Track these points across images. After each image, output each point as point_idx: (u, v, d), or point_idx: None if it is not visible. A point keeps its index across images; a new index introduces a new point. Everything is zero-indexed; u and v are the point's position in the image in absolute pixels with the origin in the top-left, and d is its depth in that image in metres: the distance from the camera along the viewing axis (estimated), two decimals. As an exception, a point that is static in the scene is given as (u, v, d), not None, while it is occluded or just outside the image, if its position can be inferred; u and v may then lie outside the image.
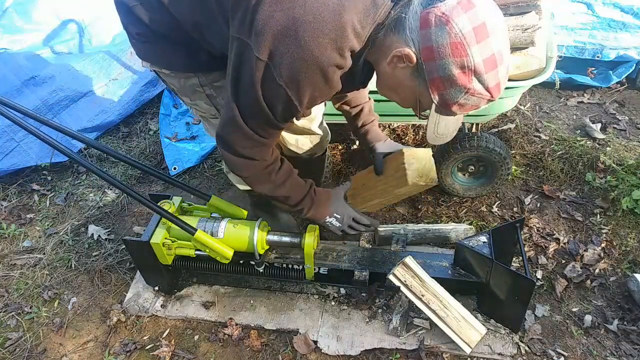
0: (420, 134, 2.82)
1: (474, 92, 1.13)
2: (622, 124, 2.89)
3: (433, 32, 1.08)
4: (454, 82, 1.11)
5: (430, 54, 1.10)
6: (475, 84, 1.11)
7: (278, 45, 1.14)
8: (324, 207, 1.70)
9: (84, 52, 3.38)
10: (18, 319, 2.15)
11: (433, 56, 1.10)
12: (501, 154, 2.23)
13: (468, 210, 2.45)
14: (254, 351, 1.96)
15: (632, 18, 3.09)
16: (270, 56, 1.16)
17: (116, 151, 1.90)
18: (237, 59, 1.23)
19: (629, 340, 1.89)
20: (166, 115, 3.16)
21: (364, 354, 1.91)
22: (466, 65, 1.08)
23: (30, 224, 2.63)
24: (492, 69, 1.10)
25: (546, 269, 2.15)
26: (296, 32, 1.12)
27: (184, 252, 1.96)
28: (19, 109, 1.56)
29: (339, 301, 2.08)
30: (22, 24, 3.23)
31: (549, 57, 2.00)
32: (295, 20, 1.12)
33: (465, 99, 1.15)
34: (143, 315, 2.11)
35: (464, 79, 1.10)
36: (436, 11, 1.07)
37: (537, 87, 3.17)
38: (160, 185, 2.81)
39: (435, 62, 1.10)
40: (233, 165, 1.47)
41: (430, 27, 1.08)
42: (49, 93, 2.91)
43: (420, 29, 1.10)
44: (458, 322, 1.84)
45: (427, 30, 1.09)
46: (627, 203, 2.30)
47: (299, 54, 1.14)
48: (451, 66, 1.09)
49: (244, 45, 1.19)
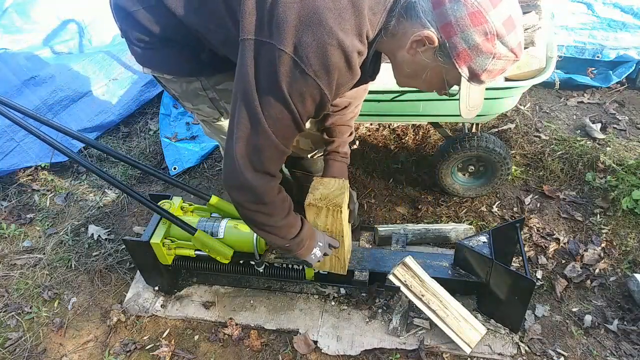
0: (420, 134, 2.82)
1: (500, 55, 1.14)
2: (622, 124, 2.89)
3: (449, 8, 1.09)
4: (479, 50, 1.13)
5: (450, 29, 1.11)
6: (500, 48, 1.13)
7: (302, 35, 1.13)
8: (312, 238, 1.63)
9: (84, 52, 3.39)
10: (18, 319, 2.15)
11: (454, 30, 1.11)
12: (501, 154, 2.23)
13: (468, 210, 2.45)
14: (254, 351, 1.96)
15: (632, 18, 3.09)
16: (295, 49, 1.13)
17: (116, 151, 1.90)
18: (251, 62, 1.19)
19: (629, 340, 1.89)
20: (166, 115, 3.16)
21: (364, 354, 1.91)
22: (488, 31, 1.10)
23: (30, 224, 2.63)
24: (512, 30, 1.12)
25: (546, 269, 2.15)
26: (320, 19, 1.11)
27: (184, 252, 1.96)
28: (19, 109, 1.56)
29: (339, 301, 2.08)
30: (22, 24, 3.23)
31: (549, 57, 2.00)
32: (316, 8, 1.11)
33: (493, 65, 1.16)
34: (143, 315, 2.11)
35: (489, 45, 1.12)
36: None
37: (537, 87, 3.17)
38: (160, 185, 2.81)
39: (458, 36, 1.11)
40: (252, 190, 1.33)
41: (444, 5, 1.10)
42: (49, 93, 2.91)
43: (434, 9, 1.11)
44: (458, 322, 1.84)
45: (442, 8, 1.10)
46: (627, 203, 2.30)
47: (326, 40, 1.12)
48: (474, 35, 1.10)
49: (262, 45, 1.17)
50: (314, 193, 1.72)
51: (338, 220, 1.71)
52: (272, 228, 1.46)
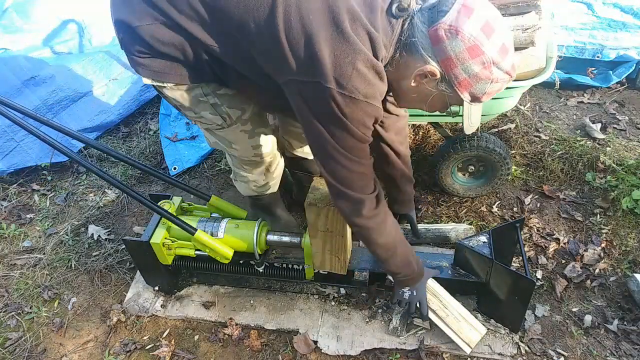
0: (420, 134, 2.82)
1: (496, 79, 1.24)
2: (622, 124, 2.89)
3: (448, 45, 1.19)
4: (479, 78, 1.23)
5: (451, 63, 1.21)
6: (496, 73, 1.23)
7: (338, 66, 1.20)
8: (419, 275, 1.79)
9: (84, 52, 3.39)
10: (18, 319, 2.15)
11: (454, 64, 1.21)
12: (501, 154, 2.23)
13: (468, 210, 2.45)
14: (254, 351, 1.96)
15: (632, 18, 3.09)
16: (337, 82, 1.22)
17: (116, 151, 1.90)
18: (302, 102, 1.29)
19: (629, 340, 1.89)
20: (166, 115, 3.16)
21: (364, 354, 1.91)
22: (485, 60, 1.20)
23: (30, 224, 2.63)
24: (506, 55, 1.22)
25: (546, 269, 2.15)
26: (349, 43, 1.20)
27: (184, 252, 1.96)
28: (19, 109, 1.56)
29: (339, 301, 2.08)
30: (22, 24, 3.23)
31: (549, 57, 2.00)
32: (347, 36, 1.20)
33: (491, 88, 1.27)
34: (143, 315, 2.11)
35: (487, 72, 1.22)
36: (443, 26, 1.18)
37: (537, 87, 3.17)
38: (160, 185, 2.81)
39: (458, 68, 1.22)
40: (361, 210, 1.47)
41: (443, 42, 1.19)
42: (49, 93, 2.91)
43: (433, 46, 1.21)
44: (458, 322, 1.84)
45: (441, 44, 1.20)
46: (627, 203, 2.30)
47: (359, 59, 1.21)
48: (473, 66, 1.21)
49: (310, 86, 1.25)
50: (314, 193, 1.72)
51: (338, 220, 1.71)
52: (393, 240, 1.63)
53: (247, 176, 1.96)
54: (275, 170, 2.00)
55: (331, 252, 1.85)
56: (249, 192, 2.07)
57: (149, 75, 1.47)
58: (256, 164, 1.90)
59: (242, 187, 2.07)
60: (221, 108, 1.61)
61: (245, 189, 2.06)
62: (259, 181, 1.99)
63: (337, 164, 1.37)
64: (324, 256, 1.87)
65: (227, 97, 1.59)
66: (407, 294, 1.80)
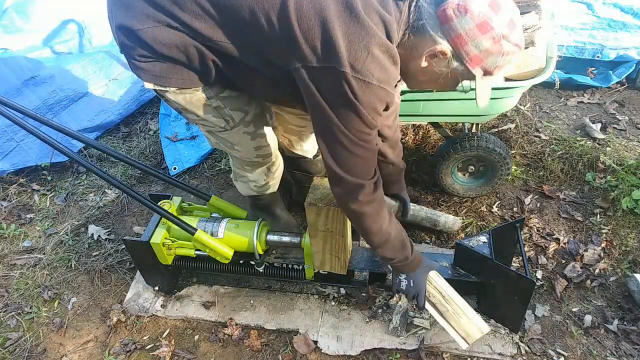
0: (420, 134, 2.82)
1: (507, 52, 1.27)
2: (622, 124, 2.89)
3: (457, 23, 1.21)
4: (490, 52, 1.25)
5: (461, 40, 1.23)
6: (506, 46, 1.25)
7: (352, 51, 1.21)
8: (417, 261, 1.74)
9: (84, 52, 3.39)
10: (18, 319, 2.15)
11: (465, 41, 1.23)
12: (501, 154, 2.23)
13: (468, 210, 2.45)
14: (254, 351, 1.96)
15: (632, 18, 3.09)
16: (352, 66, 1.22)
17: (116, 151, 1.90)
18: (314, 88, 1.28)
19: (629, 340, 1.89)
20: (166, 115, 3.16)
21: (364, 354, 1.91)
22: (495, 35, 1.22)
23: (30, 224, 2.63)
24: (514, 29, 1.25)
25: (546, 269, 2.15)
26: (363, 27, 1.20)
27: (184, 252, 1.96)
28: (19, 109, 1.56)
29: (339, 301, 2.08)
30: (22, 24, 3.23)
31: (549, 57, 2.00)
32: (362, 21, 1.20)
33: (502, 61, 1.29)
34: (143, 315, 2.11)
35: (497, 46, 1.24)
36: (451, 5, 1.21)
37: (537, 87, 3.17)
38: (160, 185, 2.81)
39: (469, 45, 1.24)
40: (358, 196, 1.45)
41: (452, 21, 1.22)
42: (49, 93, 2.91)
43: (442, 25, 1.24)
44: (458, 317, 1.79)
45: (450, 23, 1.22)
46: (627, 203, 2.30)
47: (373, 43, 1.22)
48: (483, 42, 1.23)
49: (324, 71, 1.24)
50: (314, 193, 1.72)
51: (338, 220, 1.71)
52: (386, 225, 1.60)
53: (247, 176, 1.97)
54: (277, 171, 2.00)
55: (331, 252, 1.85)
56: (249, 192, 2.07)
57: (150, 80, 1.46)
58: (257, 165, 1.90)
59: (242, 187, 2.07)
60: (224, 111, 1.60)
61: (245, 188, 2.06)
62: (259, 181, 1.99)
63: (344, 148, 1.36)
64: (324, 256, 1.87)
65: (230, 100, 1.59)
66: (404, 284, 1.75)
